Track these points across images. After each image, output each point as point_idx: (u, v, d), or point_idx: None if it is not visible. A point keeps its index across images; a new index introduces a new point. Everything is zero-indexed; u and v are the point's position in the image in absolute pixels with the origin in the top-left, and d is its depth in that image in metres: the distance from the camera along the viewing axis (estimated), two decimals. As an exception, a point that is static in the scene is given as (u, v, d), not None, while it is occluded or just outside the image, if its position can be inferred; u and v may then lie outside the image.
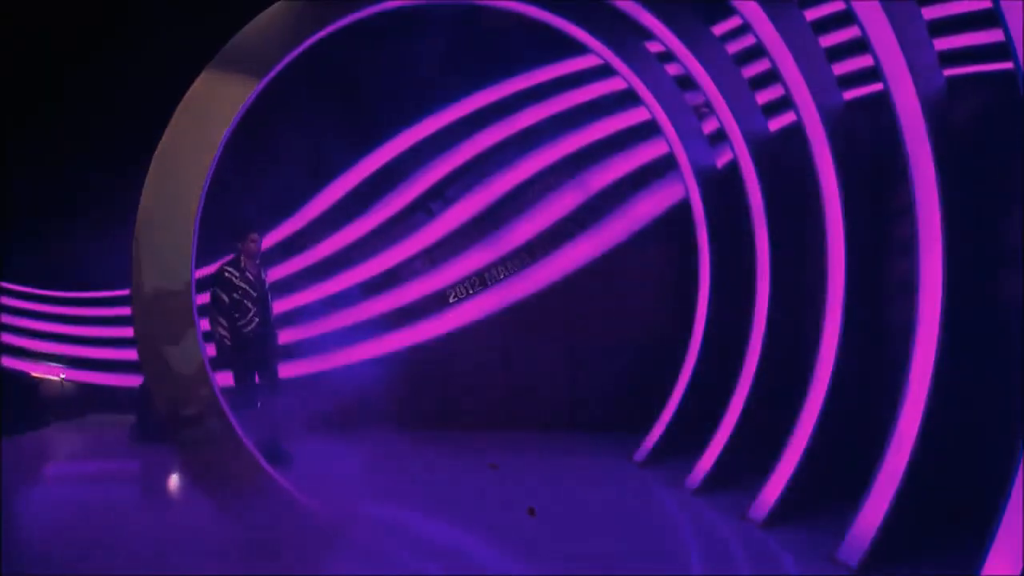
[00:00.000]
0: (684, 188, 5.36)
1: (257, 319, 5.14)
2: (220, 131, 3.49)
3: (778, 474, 3.98)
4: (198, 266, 3.74)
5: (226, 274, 5.12)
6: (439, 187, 6.44)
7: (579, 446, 5.77)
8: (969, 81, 3.62)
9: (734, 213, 4.95)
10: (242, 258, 5.20)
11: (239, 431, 3.70)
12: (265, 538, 3.56)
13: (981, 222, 3.39)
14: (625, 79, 5.17)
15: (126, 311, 5.71)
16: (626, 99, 5.75)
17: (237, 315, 5.09)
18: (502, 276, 6.15)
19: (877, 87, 3.48)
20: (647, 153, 6.03)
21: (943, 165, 3.21)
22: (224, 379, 6.25)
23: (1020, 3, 2.52)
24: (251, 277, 5.16)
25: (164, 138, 3.48)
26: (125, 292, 4.67)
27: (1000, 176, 3.41)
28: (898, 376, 3.35)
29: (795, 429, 3.96)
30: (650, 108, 5.19)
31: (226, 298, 5.06)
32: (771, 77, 4.31)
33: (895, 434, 3.34)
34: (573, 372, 6.24)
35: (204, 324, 6.48)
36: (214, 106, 3.56)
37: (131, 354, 6.22)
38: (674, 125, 5.15)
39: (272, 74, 3.72)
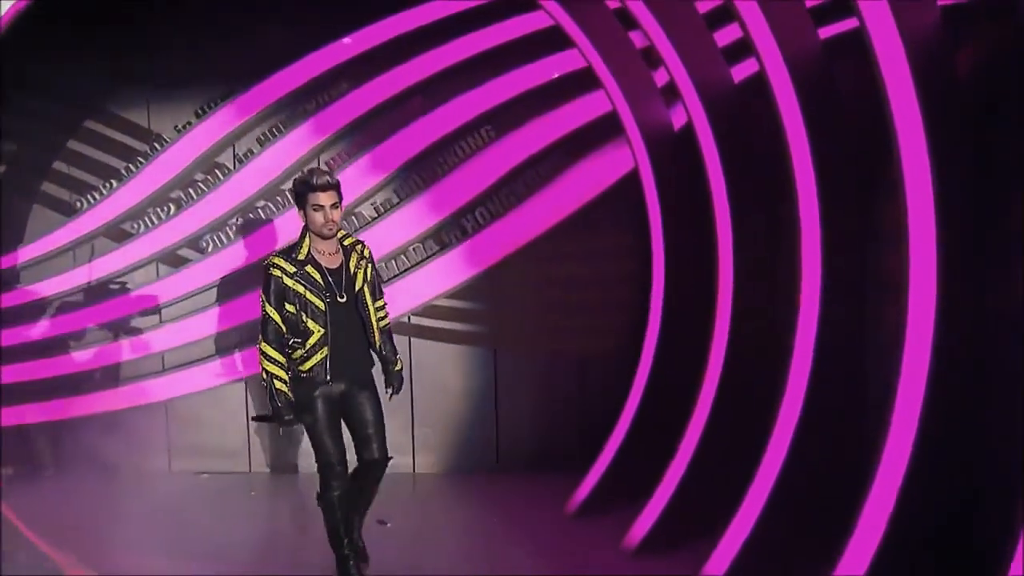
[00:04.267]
0: (632, 156, 5.04)
1: (327, 347, 3.57)
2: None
3: (735, 528, 3.74)
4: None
5: (273, 270, 3.55)
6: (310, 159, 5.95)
7: (502, 493, 5.44)
8: (972, 17, 3.35)
9: (696, 188, 4.67)
10: (307, 237, 3.60)
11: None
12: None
13: (988, 202, 3.17)
14: (550, 13, 4.77)
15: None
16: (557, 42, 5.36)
17: (294, 341, 3.58)
18: None
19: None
20: (590, 111, 5.67)
21: (937, 129, 2.96)
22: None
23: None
24: (317, 272, 3.57)
25: None
26: None
27: (1014, 142, 3.12)
28: (883, 397, 3.16)
29: (756, 475, 3.71)
30: (584, 52, 4.81)
31: (274, 314, 3.54)
32: (728, 14, 4.04)
33: (876, 478, 3.12)
34: (498, 398, 5.89)
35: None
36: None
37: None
38: (615, 76, 4.78)
39: None
